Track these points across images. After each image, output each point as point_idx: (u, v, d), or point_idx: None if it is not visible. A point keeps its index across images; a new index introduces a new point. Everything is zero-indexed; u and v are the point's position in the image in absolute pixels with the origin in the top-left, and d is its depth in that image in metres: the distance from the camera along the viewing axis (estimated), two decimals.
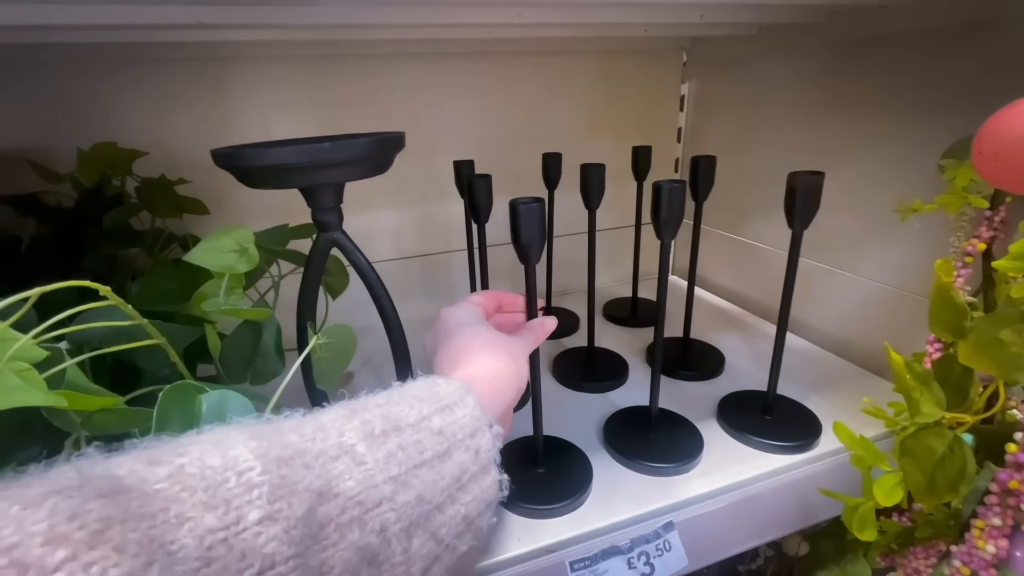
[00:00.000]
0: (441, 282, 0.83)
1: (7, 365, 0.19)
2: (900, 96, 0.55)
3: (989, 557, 0.32)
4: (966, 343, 0.31)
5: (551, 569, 0.39)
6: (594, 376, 0.62)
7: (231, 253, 0.30)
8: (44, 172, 0.52)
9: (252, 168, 0.28)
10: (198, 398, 0.24)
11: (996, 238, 0.39)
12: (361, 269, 0.33)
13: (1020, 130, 0.19)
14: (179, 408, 0.23)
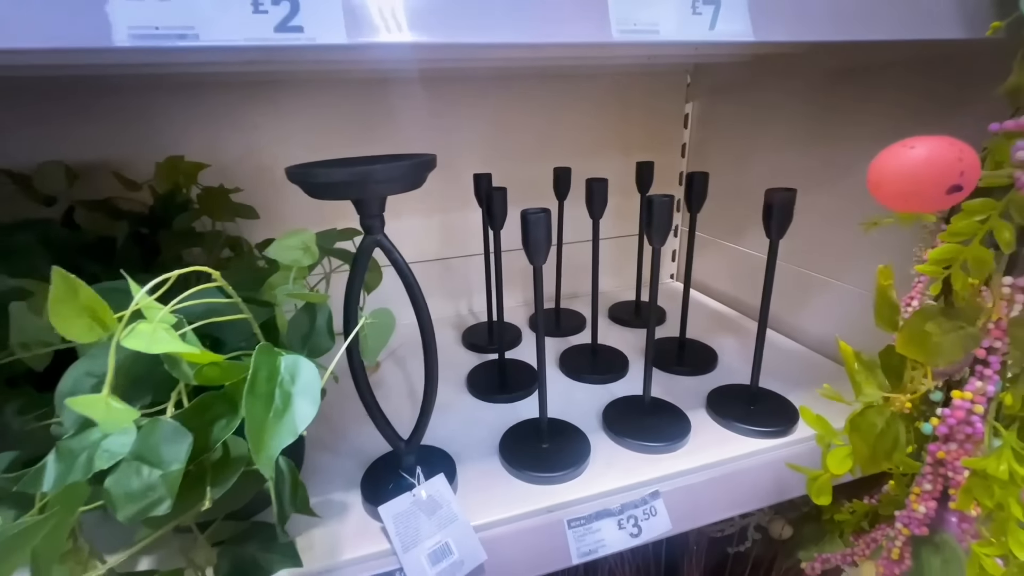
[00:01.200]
0: (460, 283, 0.90)
1: (157, 324, 0.26)
2: (876, 120, 0.61)
3: (921, 516, 0.38)
4: (900, 335, 0.37)
5: (552, 526, 0.46)
6: (596, 369, 0.68)
7: (298, 250, 0.38)
8: (125, 181, 0.61)
9: (318, 184, 0.36)
10: (279, 358, 0.31)
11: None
12: (399, 266, 0.40)
13: (891, 167, 0.26)
14: (266, 365, 0.30)
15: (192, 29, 0.25)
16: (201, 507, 0.30)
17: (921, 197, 0.26)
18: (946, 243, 0.33)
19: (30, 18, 0.23)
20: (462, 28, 0.29)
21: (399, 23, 0.28)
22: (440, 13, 0.28)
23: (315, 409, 0.31)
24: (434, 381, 0.45)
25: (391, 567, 0.42)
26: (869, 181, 0.27)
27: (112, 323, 0.26)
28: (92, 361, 0.32)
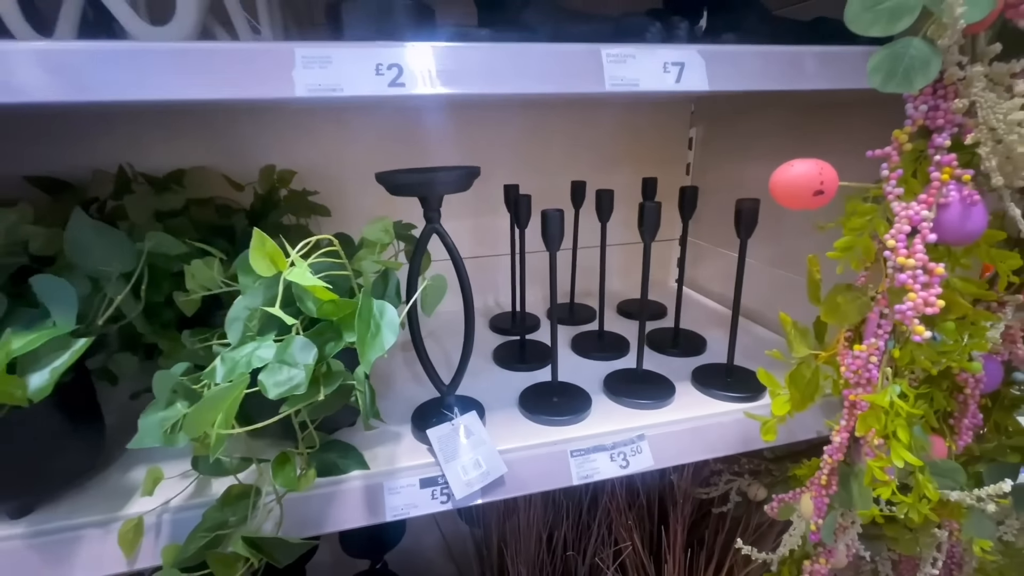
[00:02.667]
0: (488, 279, 1.05)
1: (304, 269, 0.41)
2: (842, 145, 0.73)
3: (838, 445, 0.50)
4: (822, 306, 0.50)
5: (557, 454, 0.59)
6: (602, 349, 0.81)
7: (381, 232, 0.52)
8: (232, 184, 0.78)
9: (398, 184, 0.51)
10: (374, 301, 0.46)
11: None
12: (449, 248, 0.55)
13: (778, 178, 0.39)
14: (367, 305, 0.45)
15: (340, 86, 0.40)
16: (317, 399, 0.45)
17: (797, 198, 0.39)
18: (846, 236, 0.45)
19: (247, 76, 0.39)
20: (495, 81, 0.43)
21: (453, 80, 0.43)
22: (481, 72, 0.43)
23: (395, 336, 0.45)
24: (472, 334, 0.59)
25: (435, 474, 0.56)
26: (770, 187, 0.40)
27: (282, 265, 0.41)
28: (248, 299, 0.47)
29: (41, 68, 0.36)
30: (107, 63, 0.37)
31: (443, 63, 0.42)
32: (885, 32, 0.37)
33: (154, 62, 0.37)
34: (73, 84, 0.36)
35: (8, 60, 0.35)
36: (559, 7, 0.51)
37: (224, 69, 0.39)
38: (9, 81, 0.35)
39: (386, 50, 0.41)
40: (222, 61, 0.38)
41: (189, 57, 0.38)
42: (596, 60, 0.45)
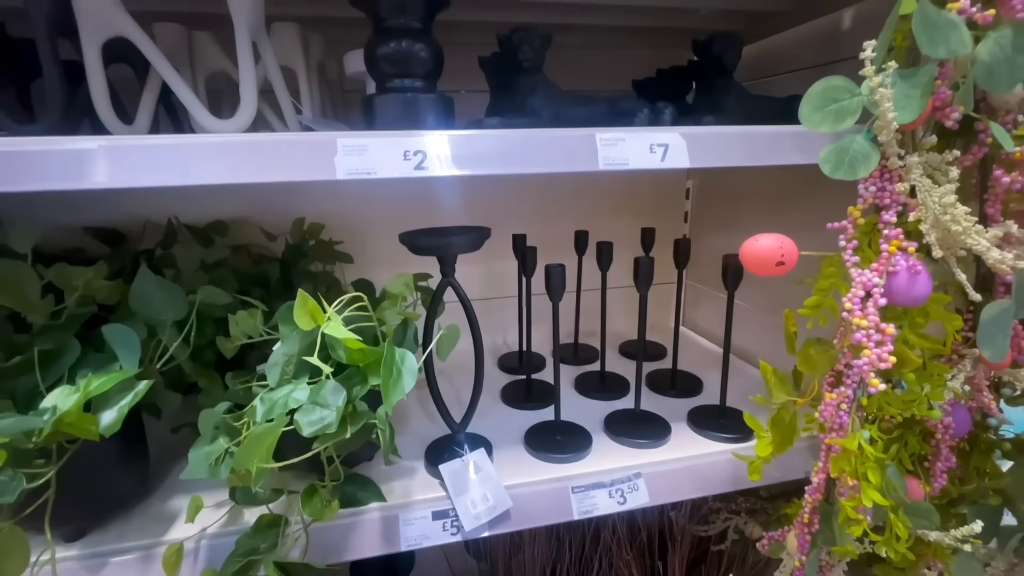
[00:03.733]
0: (497, 320, 1.11)
1: (337, 323, 0.48)
2: (820, 204, 0.80)
3: (816, 485, 0.54)
4: (798, 356, 0.55)
5: (559, 490, 0.64)
6: (603, 389, 0.87)
7: (403, 287, 0.59)
8: (266, 234, 0.86)
9: (419, 246, 0.58)
10: (396, 349, 0.52)
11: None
12: (463, 299, 0.62)
13: (746, 249, 0.45)
14: (391, 353, 0.51)
15: (374, 170, 0.48)
16: (344, 436, 0.51)
17: (762, 268, 0.45)
18: (815, 295, 0.51)
19: (298, 164, 0.47)
20: (506, 164, 0.51)
21: (470, 163, 0.50)
22: (493, 156, 0.50)
23: (414, 381, 0.52)
24: (481, 377, 0.65)
25: (446, 507, 0.61)
26: (739, 256, 0.47)
27: (321, 320, 0.48)
28: (287, 347, 0.53)
29: (111, 161, 0.43)
30: (173, 154, 0.45)
31: (460, 149, 0.50)
32: (832, 129, 0.44)
33: (216, 154, 0.45)
34: (177, 169, 0.44)
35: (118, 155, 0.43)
36: (560, 91, 0.59)
37: (279, 157, 0.46)
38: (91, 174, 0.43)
39: (412, 139, 0.49)
40: (278, 151, 0.46)
41: (253, 149, 0.46)
42: (591, 144, 0.52)
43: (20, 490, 0.42)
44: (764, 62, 0.92)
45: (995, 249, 0.43)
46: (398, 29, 0.52)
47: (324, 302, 0.50)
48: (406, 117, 0.52)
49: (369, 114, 0.53)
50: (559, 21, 0.82)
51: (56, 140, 0.42)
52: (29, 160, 0.42)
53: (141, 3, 0.70)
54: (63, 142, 0.42)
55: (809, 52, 0.83)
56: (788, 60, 0.87)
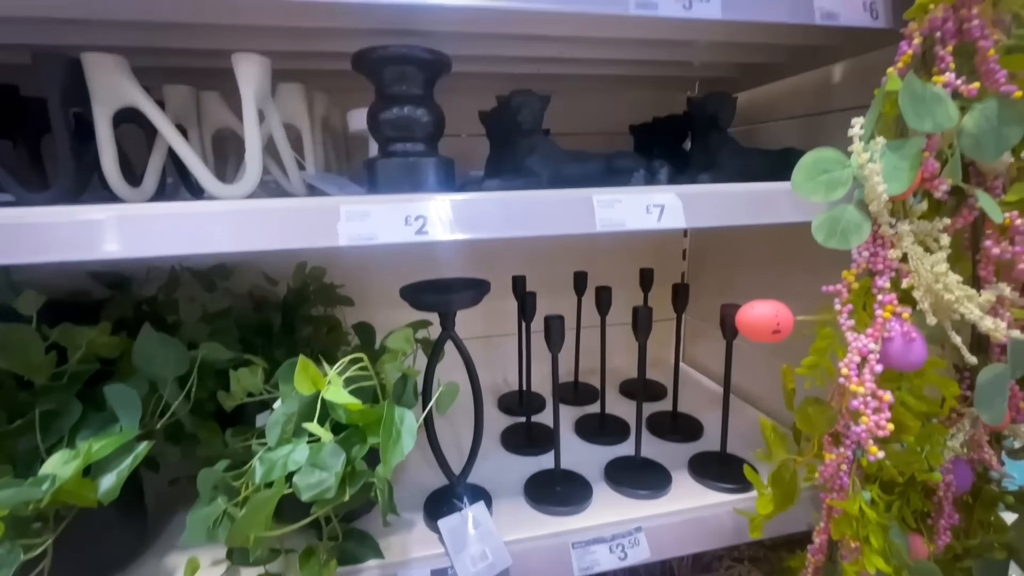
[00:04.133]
0: (496, 357, 1.11)
1: (338, 385, 0.48)
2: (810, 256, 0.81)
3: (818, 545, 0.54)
4: (796, 414, 0.55)
5: (559, 546, 0.63)
6: (603, 434, 0.86)
7: (403, 341, 0.60)
8: (268, 279, 0.87)
9: (420, 302, 0.59)
10: (395, 410, 0.52)
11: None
12: (463, 352, 0.62)
13: (742, 317, 0.46)
14: (390, 414, 0.51)
15: (375, 236, 0.49)
16: (343, 499, 0.50)
17: (758, 335, 0.46)
18: (812, 355, 0.52)
19: (299, 232, 0.48)
20: (505, 227, 0.52)
21: (470, 227, 0.51)
22: (493, 220, 0.51)
23: (413, 442, 0.52)
24: (480, 431, 0.65)
25: (445, 564, 0.60)
26: (736, 324, 0.47)
27: (321, 385, 0.49)
28: (287, 406, 0.54)
29: (121, 231, 0.44)
30: (182, 223, 0.46)
31: (460, 213, 0.51)
32: (824, 199, 0.45)
33: (222, 222, 0.46)
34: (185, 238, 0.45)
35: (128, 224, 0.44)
36: (558, 150, 0.61)
37: (284, 224, 0.47)
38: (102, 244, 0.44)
39: (413, 204, 0.50)
40: (283, 218, 0.47)
41: (258, 217, 0.47)
42: (588, 206, 0.53)
43: (18, 563, 0.42)
44: (758, 109, 0.94)
45: (988, 318, 0.43)
46: (400, 96, 0.53)
47: (325, 363, 0.51)
48: (407, 181, 0.53)
49: (372, 176, 0.55)
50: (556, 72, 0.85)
51: (66, 211, 0.43)
52: (40, 232, 0.43)
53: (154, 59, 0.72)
54: (73, 213, 0.43)
55: (802, 102, 0.85)
56: (781, 108, 0.89)
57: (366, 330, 0.86)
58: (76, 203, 0.50)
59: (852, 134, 0.43)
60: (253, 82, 0.49)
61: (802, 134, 0.84)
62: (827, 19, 0.54)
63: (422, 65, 0.52)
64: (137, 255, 0.44)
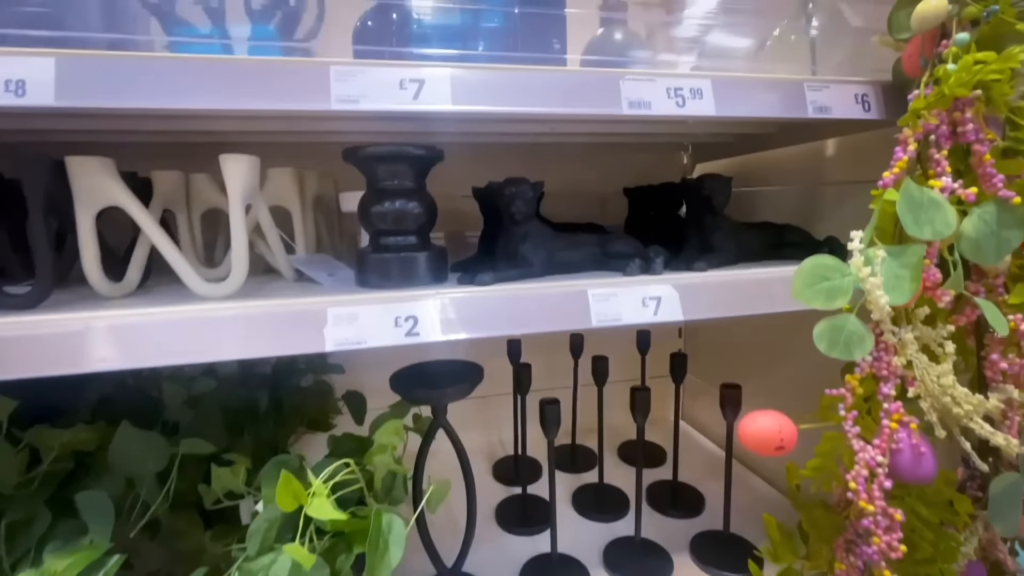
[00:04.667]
0: (491, 416, 1.09)
1: (323, 498, 0.46)
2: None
3: None
4: (802, 515, 0.53)
5: None
6: (602, 509, 0.83)
7: (393, 434, 0.58)
8: None
9: (410, 396, 0.57)
10: (383, 517, 0.50)
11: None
12: (455, 443, 0.60)
13: (744, 431, 0.44)
14: (377, 522, 0.49)
15: (364, 340, 0.47)
16: None
17: (761, 449, 0.44)
18: (817, 457, 0.50)
19: (286, 335, 0.46)
20: (502, 326, 0.50)
21: (462, 326, 0.50)
22: (486, 320, 0.50)
23: (401, 552, 0.49)
24: (473, 526, 0.62)
25: None
26: (738, 436, 0.45)
27: (304, 500, 0.46)
28: (269, 512, 0.51)
29: (117, 341, 0.43)
30: (172, 330, 0.44)
31: (453, 313, 0.49)
32: (825, 307, 0.44)
33: (208, 326, 0.45)
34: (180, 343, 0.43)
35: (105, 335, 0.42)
36: (551, 234, 0.60)
37: (268, 329, 0.46)
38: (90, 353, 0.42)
39: (403, 304, 0.48)
40: (267, 323, 0.46)
41: (239, 323, 0.45)
42: (583, 301, 0.52)
43: None
44: (752, 172, 0.94)
45: (999, 435, 0.41)
46: (391, 190, 0.52)
47: (311, 475, 0.48)
48: (399, 276, 0.52)
49: (362, 270, 0.53)
50: (551, 141, 0.85)
51: (55, 321, 0.42)
52: (24, 346, 0.41)
53: (144, 137, 0.72)
54: (62, 323, 0.42)
55: (795, 169, 0.85)
56: (775, 175, 0.89)
57: (356, 400, 0.84)
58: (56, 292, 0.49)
59: (852, 247, 0.42)
60: (240, 181, 0.48)
61: (795, 200, 0.84)
62: (820, 112, 0.54)
63: (414, 161, 0.52)
64: (129, 366, 0.43)
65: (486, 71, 0.47)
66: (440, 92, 0.46)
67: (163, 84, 0.42)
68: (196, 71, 0.43)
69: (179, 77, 0.43)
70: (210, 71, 0.43)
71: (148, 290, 0.57)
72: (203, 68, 0.43)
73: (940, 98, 0.44)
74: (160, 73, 0.42)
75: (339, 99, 0.44)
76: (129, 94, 0.42)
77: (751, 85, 0.54)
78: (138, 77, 0.42)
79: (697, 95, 0.51)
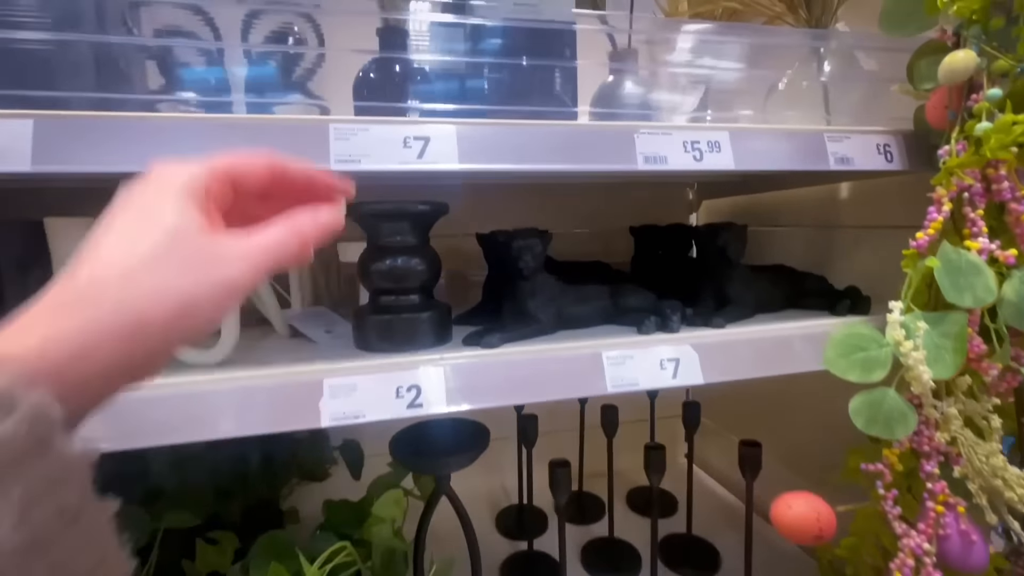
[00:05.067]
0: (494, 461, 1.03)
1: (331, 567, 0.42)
2: None
3: None
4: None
5: None
6: (613, 568, 0.78)
7: (393, 505, 0.54)
8: None
9: (415, 465, 0.53)
10: None
11: None
12: (460, 512, 0.56)
13: (778, 519, 0.41)
14: None
15: (363, 413, 0.43)
16: None
17: (798, 538, 0.40)
18: (852, 535, 0.46)
19: (280, 411, 0.43)
20: (510, 395, 0.47)
21: (468, 397, 0.46)
22: (492, 389, 0.47)
23: None
24: None
25: None
26: (771, 520, 0.42)
27: None
28: None
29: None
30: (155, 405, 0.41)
31: (459, 381, 0.46)
32: (861, 380, 0.41)
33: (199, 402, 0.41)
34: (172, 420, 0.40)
35: None
36: (559, 288, 0.57)
37: (260, 403, 0.42)
38: None
39: (405, 373, 0.45)
40: (260, 397, 0.42)
41: (227, 397, 0.42)
42: (598, 364, 0.49)
43: None
44: (761, 212, 0.92)
45: None
46: (392, 247, 0.49)
47: (304, 562, 0.44)
48: (400, 338, 0.49)
49: (361, 332, 0.50)
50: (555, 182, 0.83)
51: None
52: None
53: None
54: None
55: (806, 212, 0.83)
56: (785, 215, 0.87)
57: (353, 452, 0.80)
58: None
59: (891, 320, 0.39)
60: None
61: (806, 242, 0.81)
62: (842, 164, 0.52)
63: (417, 218, 0.49)
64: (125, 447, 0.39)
65: (494, 126, 0.45)
66: (446, 150, 0.43)
67: (152, 145, 0.40)
68: (188, 130, 0.41)
69: (170, 137, 0.40)
70: (202, 130, 0.41)
71: None
72: (195, 127, 0.41)
73: (976, 158, 0.42)
74: (149, 133, 0.40)
75: (339, 159, 0.42)
76: (114, 157, 0.39)
77: (769, 136, 0.51)
78: (125, 138, 0.39)
79: (715, 148, 0.49)
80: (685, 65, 0.61)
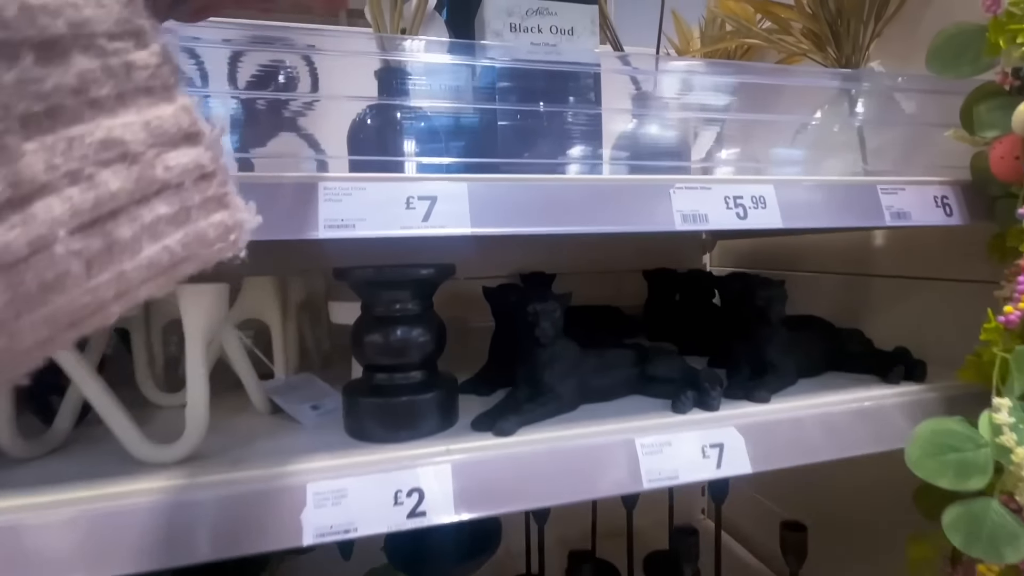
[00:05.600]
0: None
1: None
2: None
3: None
4: None
5: None
6: None
7: None
8: None
9: (420, 572, 0.45)
10: None
11: None
12: None
13: None
14: None
15: (354, 526, 0.36)
16: None
17: None
18: None
19: (246, 524, 0.35)
20: (529, 497, 0.39)
21: (476, 502, 0.39)
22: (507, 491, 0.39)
23: None
24: None
25: None
26: None
27: None
28: None
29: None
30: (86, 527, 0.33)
31: (468, 481, 0.38)
32: (954, 486, 0.34)
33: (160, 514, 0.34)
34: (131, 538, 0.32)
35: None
36: (578, 354, 0.50)
37: (230, 521, 0.35)
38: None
39: (405, 472, 0.38)
40: (231, 513, 0.35)
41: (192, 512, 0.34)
42: (631, 453, 0.42)
43: None
44: (781, 255, 0.87)
45: None
46: (391, 317, 0.43)
47: None
48: (399, 424, 0.42)
49: (352, 418, 0.43)
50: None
51: None
52: None
53: None
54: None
55: (834, 258, 0.77)
56: (810, 260, 0.82)
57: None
58: None
59: (1000, 421, 0.33)
60: (202, 318, 0.39)
61: (833, 290, 0.76)
62: (898, 219, 0.47)
63: (420, 284, 0.42)
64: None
65: (510, 182, 0.39)
66: (456, 211, 0.37)
67: None
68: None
69: None
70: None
71: (80, 442, 0.45)
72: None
73: None
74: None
75: (329, 224, 0.35)
76: None
77: (818, 189, 0.46)
78: None
79: (760, 204, 0.43)
80: (706, 109, 0.56)
